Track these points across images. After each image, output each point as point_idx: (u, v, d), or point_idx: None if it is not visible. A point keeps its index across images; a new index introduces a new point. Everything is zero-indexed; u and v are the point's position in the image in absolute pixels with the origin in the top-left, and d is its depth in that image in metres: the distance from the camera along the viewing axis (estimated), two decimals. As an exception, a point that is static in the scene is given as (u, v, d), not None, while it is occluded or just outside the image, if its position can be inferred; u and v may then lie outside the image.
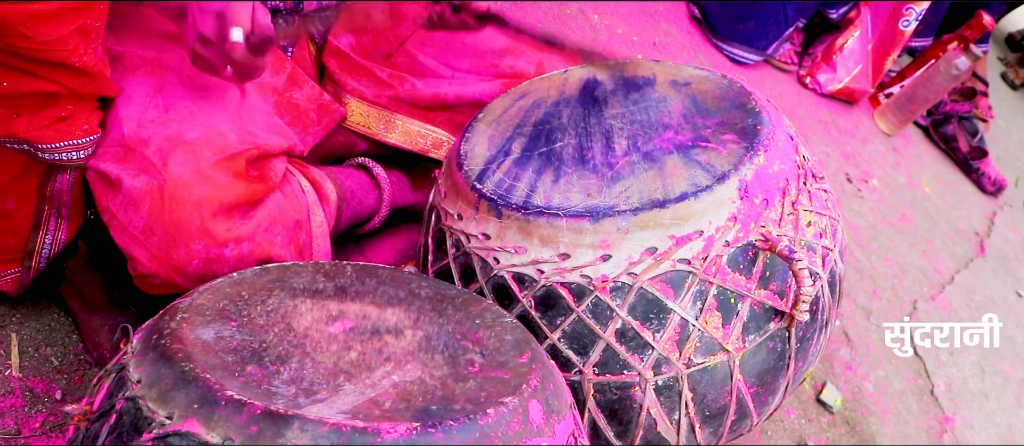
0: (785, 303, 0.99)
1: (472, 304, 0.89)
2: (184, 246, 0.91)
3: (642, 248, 0.93)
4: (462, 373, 0.76)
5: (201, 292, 0.81)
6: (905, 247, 2.58)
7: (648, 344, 0.95)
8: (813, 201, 1.06)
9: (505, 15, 1.25)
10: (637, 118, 1.09)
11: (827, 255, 1.06)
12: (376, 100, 1.33)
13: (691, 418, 1.01)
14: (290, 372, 0.72)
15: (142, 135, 0.93)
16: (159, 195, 0.90)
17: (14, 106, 0.86)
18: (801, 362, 1.07)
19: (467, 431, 0.66)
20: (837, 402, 1.82)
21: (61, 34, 0.80)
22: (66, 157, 0.92)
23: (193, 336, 0.72)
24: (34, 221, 1.01)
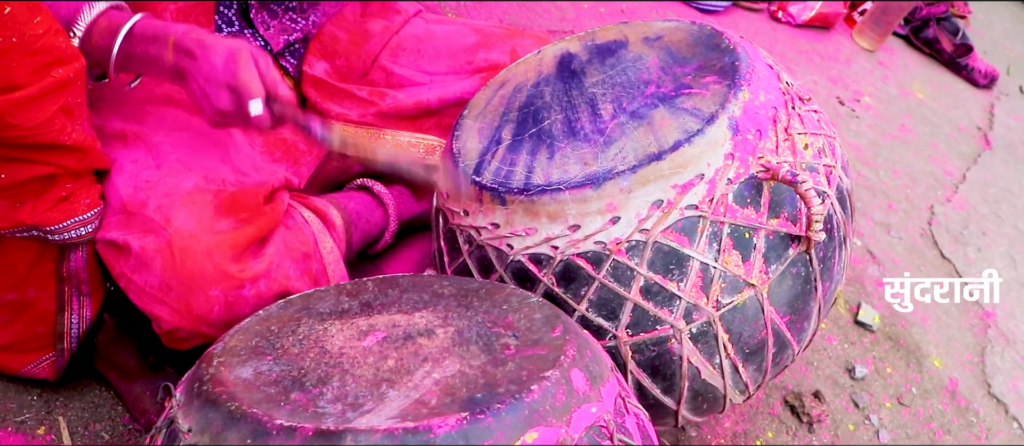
0: (799, 227, 1.00)
1: (496, 292, 0.90)
2: (202, 295, 0.92)
3: (648, 203, 0.94)
4: (500, 358, 0.77)
5: (232, 335, 0.83)
6: (911, 156, 2.58)
7: (674, 295, 0.95)
8: (805, 123, 1.06)
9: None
10: (617, 81, 1.10)
11: (830, 172, 1.06)
12: (362, 120, 1.34)
13: (732, 359, 1.01)
14: (333, 391, 0.73)
15: (140, 197, 0.95)
16: (169, 251, 0.91)
17: (16, 195, 0.87)
18: (828, 282, 1.08)
19: (516, 411, 0.67)
20: (875, 320, 1.82)
21: (46, 116, 0.81)
22: (75, 234, 0.94)
23: (233, 377, 0.74)
24: (58, 304, 1.03)
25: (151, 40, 0.98)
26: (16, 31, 0.75)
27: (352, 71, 1.36)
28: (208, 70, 0.97)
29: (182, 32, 0.98)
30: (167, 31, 0.98)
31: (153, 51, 0.98)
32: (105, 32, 0.96)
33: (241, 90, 0.96)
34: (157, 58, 0.98)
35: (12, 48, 0.75)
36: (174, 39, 0.97)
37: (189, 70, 0.98)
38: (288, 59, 1.32)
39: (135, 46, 0.98)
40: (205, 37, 0.98)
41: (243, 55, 0.97)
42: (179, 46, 0.98)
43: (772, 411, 1.52)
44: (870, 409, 1.61)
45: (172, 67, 0.99)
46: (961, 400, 1.71)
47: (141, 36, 0.98)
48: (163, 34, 0.98)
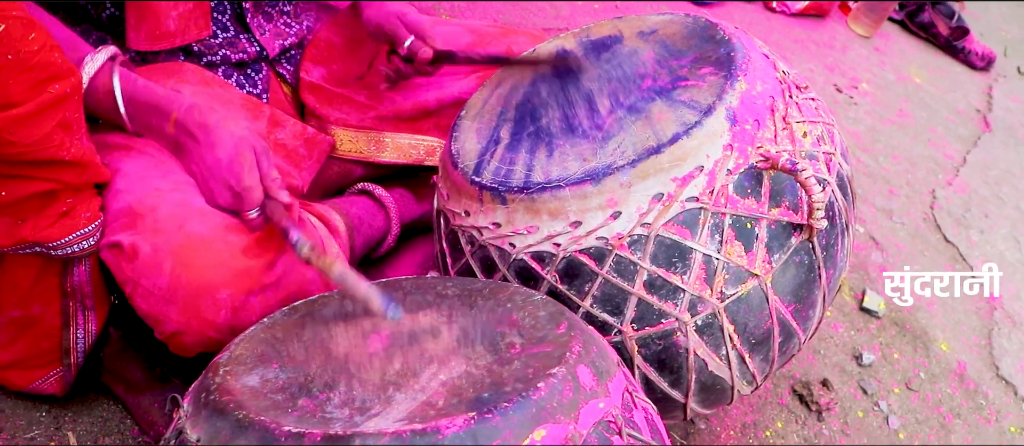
0: (801, 215, 1.00)
1: (500, 291, 0.90)
2: (211, 297, 0.92)
3: (648, 197, 0.94)
4: (505, 357, 0.77)
5: (237, 343, 0.83)
6: (909, 141, 2.58)
7: (678, 288, 0.95)
8: (803, 111, 1.06)
9: (453, 49, 1.30)
10: (613, 76, 1.11)
11: (830, 159, 1.06)
12: (361, 124, 1.34)
13: (738, 349, 1.01)
14: (340, 396, 0.73)
15: (148, 203, 0.95)
16: (179, 252, 0.91)
17: (16, 213, 0.87)
18: (831, 270, 1.08)
19: (523, 409, 0.67)
20: (881, 306, 1.82)
21: (44, 132, 0.81)
22: (78, 248, 0.94)
23: (239, 385, 0.74)
24: (63, 319, 1.03)
25: (153, 110, 1.00)
26: (11, 48, 0.75)
27: (349, 75, 1.36)
28: (212, 163, 0.99)
29: (185, 110, 1.00)
30: (170, 106, 1.00)
31: (155, 122, 1.01)
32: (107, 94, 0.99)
33: (243, 197, 0.97)
34: (159, 128, 1.01)
35: (8, 65, 0.75)
36: (176, 117, 1.00)
37: (189, 150, 1.00)
38: (285, 65, 1.33)
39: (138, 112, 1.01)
40: (208, 119, 1.00)
41: (248, 156, 0.98)
42: (181, 125, 1.00)
43: (781, 401, 1.52)
44: (879, 395, 1.60)
45: (172, 141, 1.01)
46: (970, 383, 1.71)
47: (146, 104, 1.00)
48: (166, 108, 1.00)
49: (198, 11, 1.13)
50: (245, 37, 1.24)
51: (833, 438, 1.47)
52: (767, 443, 1.43)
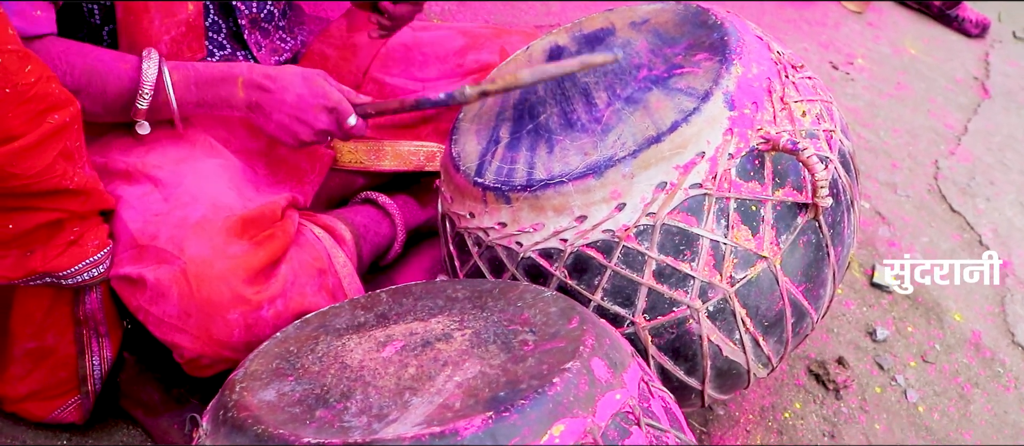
0: (805, 195, 0.99)
1: (510, 290, 0.91)
2: (221, 319, 0.93)
3: (652, 186, 0.94)
4: (519, 355, 0.78)
5: (252, 359, 0.83)
6: (909, 113, 2.57)
7: (688, 275, 0.95)
8: (800, 91, 1.06)
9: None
10: (608, 69, 1.10)
11: (831, 137, 1.06)
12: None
13: (752, 333, 1.01)
14: (357, 404, 0.73)
15: (150, 230, 0.95)
16: (184, 279, 0.92)
17: (25, 244, 0.88)
18: (839, 247, 1.07)
19: (540, 405, 0.67)
20: (892, 281, 1.81)
21: (47, 163, 0.82)
22: (88, 276, 0.94)
23: (257, 400, 0.74)
24: (78, 347, 1.03)
25: (219, 82, 1.07)
26: (8, 81, 0.75)
27: (344, 85, 1.36)
28: (294, 100, 1.07)
29: (248, 69, 1.07)
30: (233, 72, 1.07)
31: (225, 92, 1.07)
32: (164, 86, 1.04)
33: (339, 108, 1.08)
34: (229, 98, 1.07)
35: (6, 99, 0.76)
36: (243, 78, 1.07)
37: (264, 104, 1.07)
38: None
39: (206, 91, 1.06)
40: (271, 70, 1.07)
41: (320, 79, 1.08)
42: (250, 83, 1.07)
43: (797, 381, 1.52)
44: (895, 370, 1.60)
45: (245, 103, 1.08)
46: (986, 352, 1.70)
47: (209, 80, 1.06)
48: (230, 75, 1.07)
49: (191, 34, 1.13)
50: (242, 54, 1.25)
51: (852, 416, 1.47)
52: (787, 425, 1.42)
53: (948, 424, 1.51)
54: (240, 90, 1.06)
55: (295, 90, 1.06)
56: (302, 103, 1.06)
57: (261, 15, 1.26)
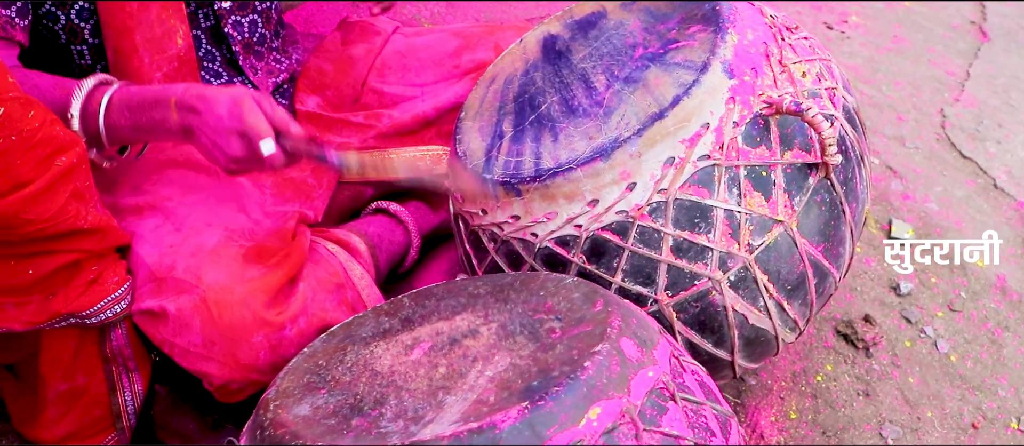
0: (814, 155, 0.99)
1: (531, 281, 0.91)
2: (246, 343, 0.93)
3: (660, 163, 0.94)
4: (547, 343, 0.78)
5: (282, 377, 0.84)
6: (910, 65, 2.56)
7: (706, 247, 0.95)
8: (798, 52, 1.06)
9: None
10: (604, 51, 1.10)
11: (833, 94, 1.06)
12: (364, 144, 1.35)
13: (776, 298, 1.01)
14: (392, 410, 0.73)
15: (166, 262, 0.96)
16: (205, 307, 0.92)
17: (46, 288, 0.89)
18: (854, 203, 1.07)
19: (574, 390, 0.67)
20: (910, 233, 1.80)
21: (59, 205, 0.83)
22: (111, 313, 0.95)
23: (292, 416, 0.74)
24: (108, 385, 1.04)
25: (152, 105, 0.99)
26: (13, 129, 0.76)
27: (344, 99, 1.37)
28: (214, 121, 0.97)
29: (182, 90, 0.99)
30: (167, 94, 0.99)
31: (158, 115, 0.99)
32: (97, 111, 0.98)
33: (250, 133, 0.96)
34: (162, 121, 0.99)
35: (13, 147, 0.76)
36: (175, 99, 0.98)
37: (195, 126, 0.98)
38: (279, 100, 1.34)
39: (139, 115, 0.99)
40: (205, 90, 0.99)
41: (246, 100, 0.98)
42: (181, 104, 0.99)
43: (826, 343, 1.51)
44: (923, 322, 1.59)
45: (178, 126, 0.99)
46: (1012, 294, 1.69)
47: (142, 103, 0.99)
48: (164, 97, 0.99)
49: (183, 68, 1.14)
50: (239, 80, 1.25)
51: (885, 372, 1.46)
52: (820, 388, 1.42)
53: (982, 371, 1.50)
54: (173, 112, 0.99)
55: (217, 111, 0.98)
56: (219, 126, 0.97)
57: (254, 39, 1.26)
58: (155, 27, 1.08)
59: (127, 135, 1.01)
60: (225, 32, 1.22)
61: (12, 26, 1.00)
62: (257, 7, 1.25)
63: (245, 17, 1.24)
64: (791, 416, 1.36)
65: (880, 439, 1.33)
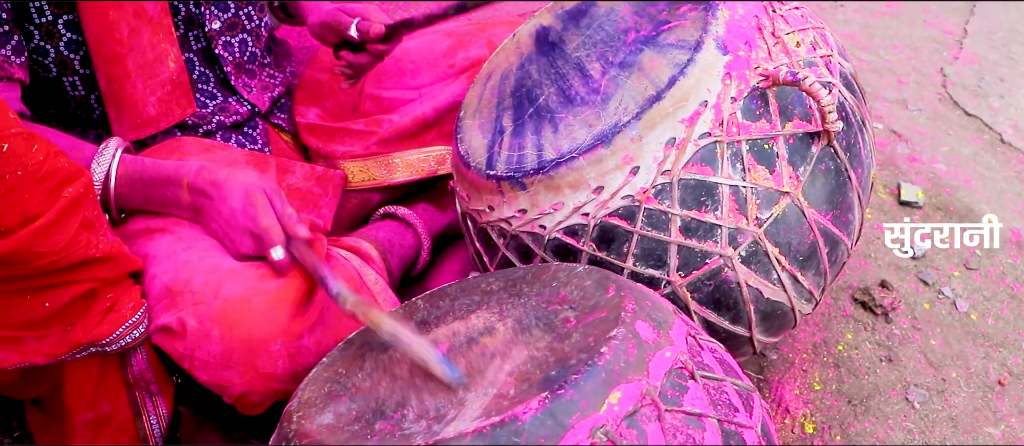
0: (814, 123, 0.99)
1: (542, 273, 0.91)
2: (265, 352, 0.94)
3: (662, 144, 0.94)
4: (563, 333, 0.78)
5: (303, 388, 0.84)
6: (906, 28, 2.55)
7: (714, 225, 0.95)
8: (790, 22, 1.06)
9: (410, 16, 1.25)
10: (597, 38, 1.11)
11: (829, 61, 1.06)
12: (367, 151, 1.36)
13: (788, 270, 1.01)
14: (414, 411, 0.74)
15: (183, 277, 0.97)
16: (223, 316, 0.93)
17: (64, 319, 0.89)
18: (859, 169, 1.07)
19: (593, 376, 0.67)
20: (919, 196, 1.79)
21: (69, 236, 0.83)
22: (130, 338, 0.96)
23: (315, 426, 0.75)
24: (133, 410, 1.05)
25: (164, 183, 1.02)
26: (18, 164, 0.77)
27: (343, 108, 1.38)
28: (227, 214, 0.99)
29: (194, 172, 1.01)
30: (179, 174, 1.02)
31: (170, 193, 1.02)
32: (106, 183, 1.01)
33: (263, 237, 0.97)
34: (174, 199, 1.02)
35: (19, 182, 0.77)
36: (188, 181, 1.01)
37: (206, 209, 1.01)
38: (278, 115, 1.35)
39: (151, 190, 1.02)
40: (218, 175, 1.01)
41: (260, 198, 0.99)
42: (193, 188, 1.01)
43: (845, 312, 1.51)
44: (940, 283, 1.58)
45: (189, 205, 1.02)
46: (1028, 247, 1.68)
47: (154, 179, 1.02)
48: (176, 177, 1.01)
49: (177, 92, 1.15)
50: (234, 99, 1.26)
51: (906, 336, 1.46)
52: (842, 357, 1.41)
53: (1004, 327, 1.49)
54: (185, 193, 1.02)
55: (230, 204, 0.99)
56: (233, 220, 0.99)
57: (244, 58, 1.27)
58: (147, 52, 1.09)
59: (137, 205, 1.04)
60: (216, 53, 1.22)
61: (10, 64, 1.01)
62: (246, 26, 1.26)
63: (235, 37, 1.25)
64: (815, 387, 1.36)
65: (907, 403, 1.33)
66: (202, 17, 1.19)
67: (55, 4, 1.04)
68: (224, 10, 1.21)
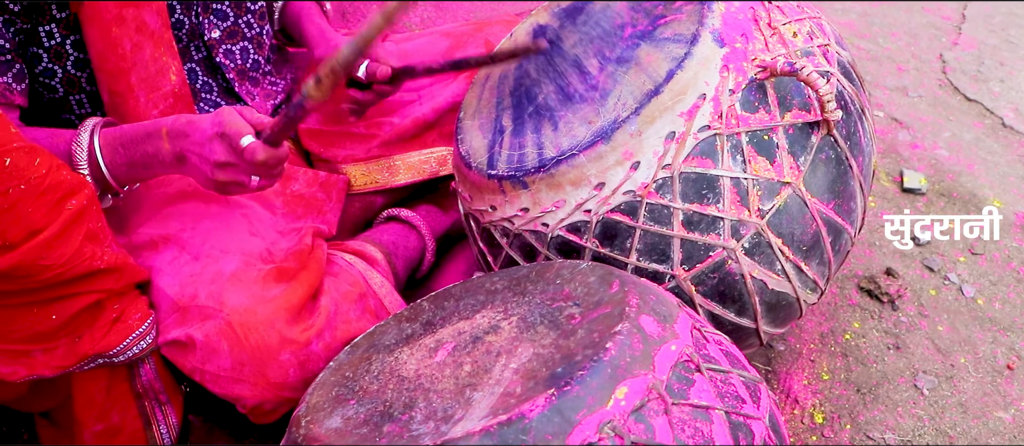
0: (814, 113, 0.99)
1: (546, 271, 0.91)
2: (274, 362, 0.94)
3: (661, 139, 0.94)
4: (568, 329, 0.78)
5: (311, 393, 0.85)
6: (904, 15, 2.55)
7: (716, 217, 0.95)
8: (786, 13, 1.06)
9: (411, 63, 1.27)
10: (593, 34, 1.11)
11: (826, 50, 1.06)
12: (369, 155, 1.36)
13: (792, 260, 1.01)
14: (422, 412, 0.74)
15: (188, 291, 0.97)
16: (231, 330, 0.93)
17: (71, 331, 0.90)
18: (860, 157, 1.07)
19: (598, 372, 0.68)
20: (922, 182, 1.79)
21: (74, 248, 0.84)
22: (137, 349, 0.96)
23: (324, 430, 0.75)
24: (143, 420, 1.05)
25: (145, 138, 0.99)
26: (21, 178, 0.78)
27: (343, 112, 1.38)
28: (199, 136, 0.97)
29: (172, 119, 1.00)
30: (158, 124, 0.99)
31: (151, 148, 0.99)
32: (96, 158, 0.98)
33: (229, 133, 0.95)
34: (156, 153, 0.99)
35: (23, 196, 0.78)
36: (166, 129, 0.99)
37: (185, 148, 0.99)
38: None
39: (132, 150, 1.00)
40: (193, 116, 1.00)
41: (227, 110, 0.97)
42: (172, 132, 0.99)
43: (851, 301, 1.51)
44: (946, 269, 1.58)
45: (171, 155, 0.99)
46: (1033, 230, 1.67)
47: (134, 138, 1.00)
48: (155, 129, 0.99)
49: (180, 104, 1.15)
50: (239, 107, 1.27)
51: (913, 323, 1.45)
52: (850, 346, 1.41)
53: (1011, 311, 1.49)
54: (165, 141, 0.99)
55: (201, 127, 0.97)
56: (203, 137, 0.97)
57: (247, 65, 1.28)
58: (149, 66, 1.09)
59: (124, 172, 1.01)
60: (218, 62, 1.23)
61: (11, 92, 1.02)
62: (247, 34, 1.26)
63: (236, 45, 1.25)
64: (823, 377, 1.36)
65: (916, 390, 1.33)
66: (202, 27, 1.19)
67: (63, 26, 1.05)
68: (223, 18, 1.22)
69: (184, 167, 1.01)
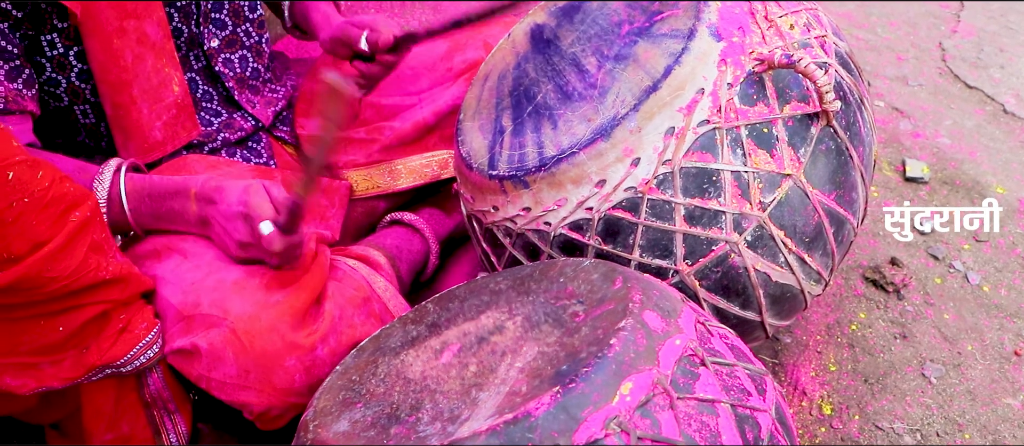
0: (812, 104, 0.99)
1: (549, 269, 0.91)
2: (280, 368, 0.94)
3: (661, 134, 0.94)
4: (572, 327, 0.78)
5: (318, 398, 0.85)
6: (902, 4, 2.54)
7: (718, 211, 0.95)
8: (783, 5, 1.06)
9: (413, 29, 1.28)
10: (591, 33, 1.11)
11: (824, 42, 1.06)
12: (370, 159, 1.37)
13: (795, 252, 1.01)
14: (429, 413, 0.74)
15: (191, 299, 0.97)
16: (235, 337, 0.94)
17: (78, 342, 0.90)
18: (860, 147, 1.07)
19: (603, 368, 0.68)
20: (925, 171, 1.79)
21: (79, 259, 0.84)
22: (144, 359, 0.97)
23: (332, 434, 0.76)
24: (153, 430, 1.06)
25: (173, 195, 1.02)
26: (25, 191, 0.78)
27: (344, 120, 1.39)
28: (226, 208, 1.00)
29: (201, 182, 1.02)
30: (187, 185, 1.02)
31: (178, 206, 1.02)
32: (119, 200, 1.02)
33: (252, 215, 0.97)
34: (182, 211, 1.03)
35: (27, 209, 0.78)
36: (195, 191, 1.02)
37: (210, 216, 1.01)
38: (281, 129, 1.35)
39: (159, 204, 1.03)
40: (223, 182, 1.02)
41: (255, 187, 0.99)
42: (201, 196, 1.02)
43: (856, 292, 1.51)
44: (950, 257, 1.58)
45: (197, 218, 1.03)
46: (1037, 216, 1.67)
47: (163, 192, 1.03)
48: (184, 188, 1.02)
49: (182, 115, 1.16)
50: (239, 115, 1.27)
51: (919, 312, 1.45)
52: (856, 337, 1.41)
53: (1017, 297, 1.48)
54: (192, 203, 1.02)
55: (229, 199, 0.99)
56: (229, 211, 0.99)
57: (247, 74, 1.28)
58: (151, 77, 1.10)
59: (148, 221, 1.04)
60: (217, 71, 1.24)
61: (22, 98, 1.03)
62: (245, 42, 1.27)
63: (235, 54, 1.26)
64: (830, 368, 1.36)
65: (923, 379, 1.32)
66: (201, 36, 1.20)
67: (65, 37, 1.06)
68: (222, 28, 1.23)
69: (208, 231, 1.04)
